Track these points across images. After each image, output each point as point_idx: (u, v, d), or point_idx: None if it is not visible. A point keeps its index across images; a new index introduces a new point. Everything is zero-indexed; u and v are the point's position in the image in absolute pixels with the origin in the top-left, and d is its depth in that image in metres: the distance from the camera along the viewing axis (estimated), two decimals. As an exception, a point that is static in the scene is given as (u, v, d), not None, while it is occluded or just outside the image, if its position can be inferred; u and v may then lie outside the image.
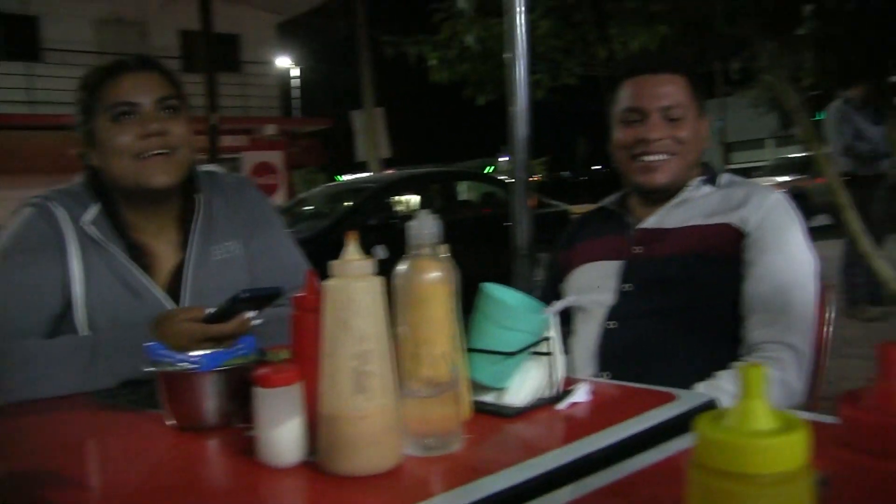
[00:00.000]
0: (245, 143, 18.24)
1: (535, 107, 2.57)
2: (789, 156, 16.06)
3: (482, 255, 5.89)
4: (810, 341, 1.75)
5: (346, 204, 8.48)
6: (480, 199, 9.97)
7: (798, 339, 1.72)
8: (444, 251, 1.17)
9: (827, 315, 1.94)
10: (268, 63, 22.14)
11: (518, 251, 2.54)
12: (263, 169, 15.08)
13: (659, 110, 1.85)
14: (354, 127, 15.90)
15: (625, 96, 1.90)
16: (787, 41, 3.58)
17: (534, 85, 5.64)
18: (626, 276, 1.87)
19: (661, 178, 1.87)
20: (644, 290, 1.84)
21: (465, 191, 10.45)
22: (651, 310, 1.80)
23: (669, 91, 1.86)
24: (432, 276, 1.12)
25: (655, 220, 1.92)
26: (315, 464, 1.09)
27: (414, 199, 9.47)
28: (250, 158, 15.43)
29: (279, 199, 13.87)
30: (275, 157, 15.75)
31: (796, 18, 3.57)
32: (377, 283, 1.08)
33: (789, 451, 0.42)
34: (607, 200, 2.11)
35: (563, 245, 2.13)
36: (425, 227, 1.12)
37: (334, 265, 1.07)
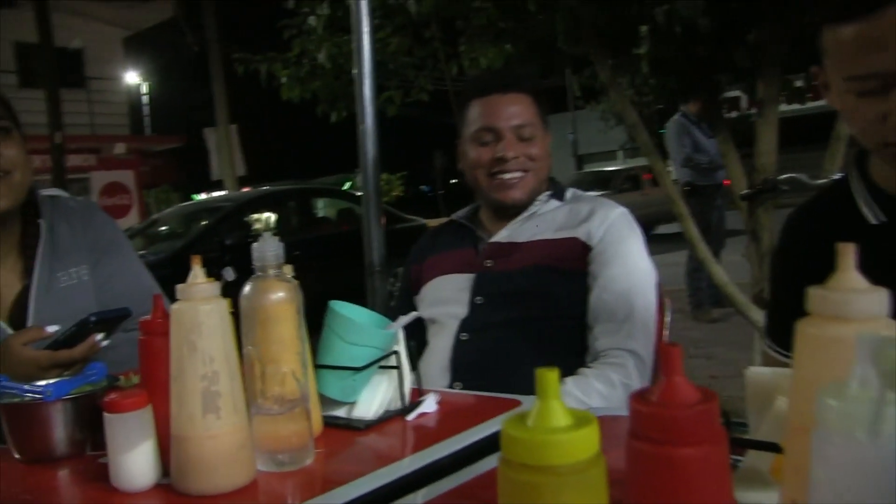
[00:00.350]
0: (93, 162, 17.47)
1: (392, 122, 2.61)
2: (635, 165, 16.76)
3: (341, 272, 5.90)
4: (651, 346, 1.86)
5: (201, 223, 8.31)
6: (338, 215, 9.97)
7: (639, 345, 1.82)
8: (288, 271, 1.20)
9: (666, 320, 2.07)
10: (115, 79, 21.34)
11: (371, 268, 2.58)
12: (114, 189, 14.55)
13: (511, 129, 1.92)
14: (209, 144, 15.58)
15: (476, 116, 1.96)
16: (624, 60, 3.77)
17: (387, 101, 5.71)
18: (477, 289, 1.93)
19: (518, 194, 1.94)
20: (495, 303, 1.90)
21: (322, 207, 10.41)
22: (501, 321, 1.86)
23: (519, 110, 1.93)
24: (277, 296, 1.15)
25: (506, 234, 1.99)
26: (169, 486, 1.10)
27: (271, 217, 9.38)
28: (100, 178, 14.84)
29: (132, 219, 13.41)
30: (126, 177, 15.19)
31: (633, 39, 3.76)
32: (223, 305, 1.10)
33: (581, 444, 0.49)
34: (458, 214, 2.16)
35: (415, 259, 2.17)
36: (269, 249, 1.14)
37: (180, 289, 1.09)
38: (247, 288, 1.15)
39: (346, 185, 14.98)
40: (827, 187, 1.51)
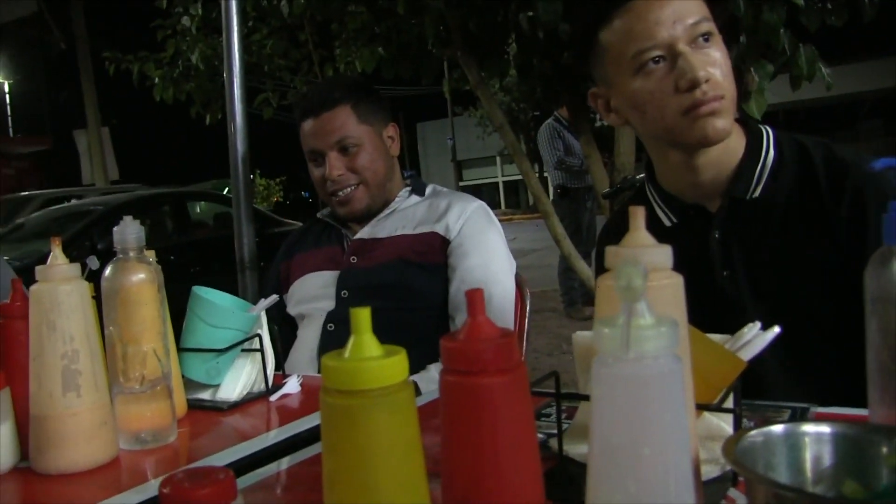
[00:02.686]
0: (-53, 165, 16.56)
1: (271, 127, 2.62)
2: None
3: (217, 276, 5.82)
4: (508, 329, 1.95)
5: (72, 228, 8.03)
6: (215, 219, 9.81)
7: None
8: (150, 255, 1.23)
9: (525, 309, 2.17)
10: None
11: (241, 264, 2.60)
12: (-27, 194, 13.84)
13: (332, 147, 1.96)
14: (79, 147, 15.03)
15: (304, 138, 2.01)
16: (491, 64, 3.89)
17: (263, 103, 5.70)
18: (342, 284, 1.98)
19: (356, 206, 2.00)
20: (360, 296, 1.96)
21: (199, 211, 10.21)
22: None
23: (336, 126, 1.96)
24: (137, 277, 1.18)
25: (368, 230, 2.05)
26: (27, 469, 1.12)
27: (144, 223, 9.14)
28: (-44, 181, 14.09)
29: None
30: (-15, 180, 14.49)
31: (500, 43, 3.89)
32: (83, 286, 1.13)
33: (390, 370, 0.56)
34: (323, 213, 2.21)
35: (283, 257, 2.21)
36: (130, 231, 1.18)
37: (40, 270, 1.11)
38: (108, 269, 1.18)
39: (225, 190, 14.71)
40: (635, 193, 1.62)
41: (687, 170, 1.36)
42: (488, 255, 1.96)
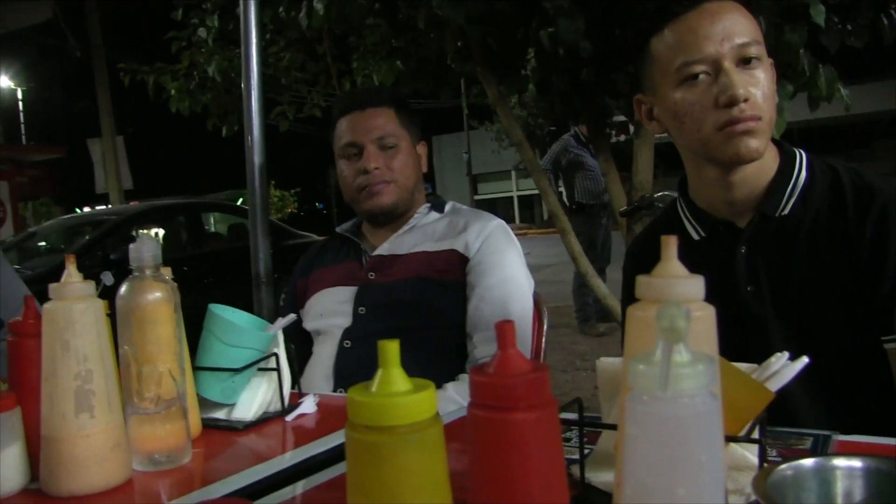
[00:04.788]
0: (-41, 171, 16.54)
1: (286, 139, 2.62)
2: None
3: (231, 287, 5.80)
4: (528, 352, 1.93)
5: (84, 237, 8.05)
6: (229, 231, 9.83)
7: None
8: (166, 273, 1.22)
9: (544, 328, 2.15)
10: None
11: (257, 279, 2.59)
12: (-14, 200, 13.88)
13: (373, 142, 1.98)
14: (93, 156, 15.07)
15: (342, 133, 2.03)
16: (511, 80, 3.88)
17: (279, 116, 5.70)
18: (360, 301, 1.97)
19: (384, 200, 2.00)
20: (377, 312, 1.95)
21: (213, 223, 10.24)
22: (383, 329, 1.91)
23: (380, 123, 1.99)
24: (153, 296, 1.16)
25: (388, 246, 2.04)
26: (37, 490, 1.10)
27: (159, 233, 9.17)
28: (-31, 189, 14.10)
29: (6, 233, 12.79)
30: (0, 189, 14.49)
31: (520, 60, 3.88)
32: (98, 305, 1.11)
33: (418, 406, 0.54)
34: (342, 227, 2.21)
35: (302, 272, 2.20)
36: (146, 249, 1.16)
37: (53, 288, 1.09)
38: (123, 288, 1.17)
39: (240, 201, 14.74)
40: (664, 210, 1.64)
41: (720, 186, 1.39)
42: (507, 274, 1.95)
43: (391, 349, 0.55)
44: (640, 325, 0.68)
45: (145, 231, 8.52)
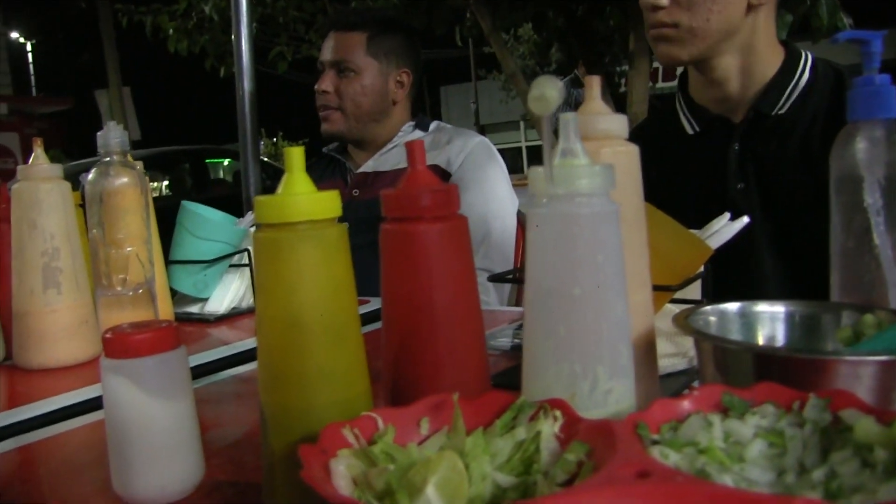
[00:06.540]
0: (-31, 123, 16.55)
1: (292, 90, 2.55)
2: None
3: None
4: (509, 265, 1.95)
5: (89, 184, 8.06)
6: (235, 177, 9.85)
7: (496, 265, 1.91)
8: (136, 163, 1.24)
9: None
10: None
11: (249, 205, 2.56)
12: (-3, 152, 13.90)
13: (331, 65, 1.98)
14: (101, 107, 15.06)
15: (321, 50, 2.04)
16: (504, 13, 3.85)
17: (277, 56, 5.68)
18: (344, 217, 1.99)
19: (330, 127, 2.01)
20: (359, 227, 1.96)
21: (219, 169, 10.26)
22: (364, 243, 1.92)
23: (342, 47, 1.98)
24: (121, 181, 1.18)
25: (372, 164, 2.06)
26: (12, 365, 1.14)
27: (163, 180, 9.19)
28: (-20, 140, 14.12)
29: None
30: (10, 140, 14.50)
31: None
32: (65, 186, 1.14)
33: (318, 205, 0.56)
34: (328, 148, 2.21)
35: None
36: (113, 136, 1.18)
37: (21, 170, 1.12)
38: (91, 173, 1.19)
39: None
40: (659, 106, 1.64)
41: (702, 83, 1.42)
42: (489, 191, 1.96)
43: (296, 154, 0.57)
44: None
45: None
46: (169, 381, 0.63)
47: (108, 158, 1.18)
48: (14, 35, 21.51)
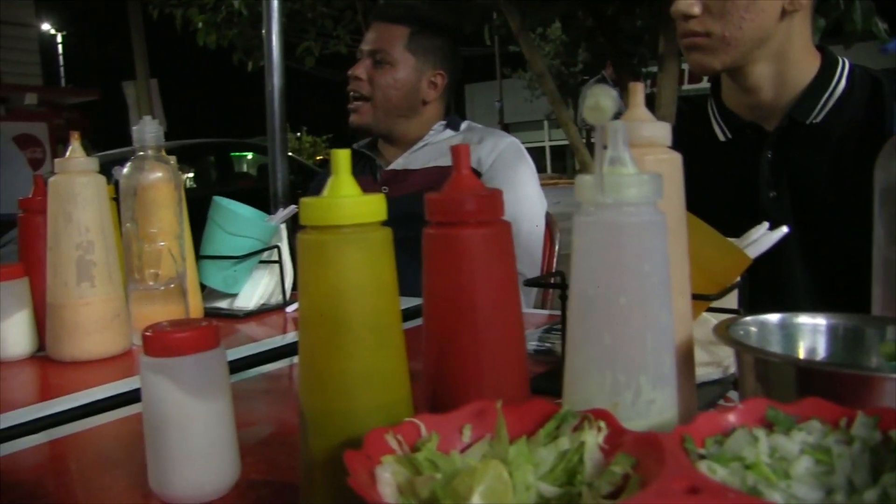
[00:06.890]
0: (2, 112, 16.72)
1: (318, 85, 2.56)
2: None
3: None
4: (537, 270, 1.94)
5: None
6: (259, 171, 9.88)
7: (524, 267, 1.90)
8: (170, 158, 1.24)
9: (555, 248, 2.16)
10: (28, 26, 20.37)
11: (276, 200, 2.57)
12: (26, 141, 13.97)
13: (369, 54, 1.98)
14: (128, 99, 15.14)
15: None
16: (533, 12, 3.84)
17: (305, 52, 5.70)
18: None
19: (358, 119, 2.00)
20: (388, 225, 1.96)
21: (243, 163, 10.29)
22: (394, 241, 1.93)
23: (383, 37, 1.97)
24: (155, 175, 1.19)
25: (402, 161, 2.05)
26: (45, 357, 1.15)
27: (188, 172, 9.24)
28: (10, 130, 14.25)
29: (44, 172, 12.91)
30: (39, 129, 14.62)
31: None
32: (101, 179, 1.14)
33: (364, 208, 0.56)
34: (359, 144, 2.21)
35: (318, 189, 2.21)
36: (148, 131, 1.19)
37: (58, 163, 1.13)
38: (126, 168, 1.20)
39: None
40: (689, 110, 1.61)
41: (736, 90, 1.40)
42: (518, 191, 1.95)
43: (342, 156, 0.57)
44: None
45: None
46: (208, 381, 0.63)
47: (142, 153, 1.19)
48: (45, 27, 21.70)
